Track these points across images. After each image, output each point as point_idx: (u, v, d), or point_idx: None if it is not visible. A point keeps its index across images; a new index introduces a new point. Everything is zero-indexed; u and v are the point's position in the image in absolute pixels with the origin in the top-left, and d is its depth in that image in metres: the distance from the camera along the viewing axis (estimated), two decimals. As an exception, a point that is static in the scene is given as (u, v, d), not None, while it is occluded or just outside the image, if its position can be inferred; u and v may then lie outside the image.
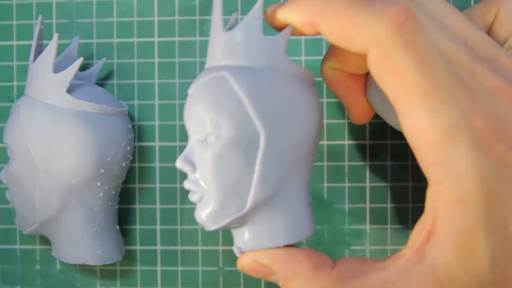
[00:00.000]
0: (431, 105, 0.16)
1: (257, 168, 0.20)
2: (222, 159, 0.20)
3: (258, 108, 0.20)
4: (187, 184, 0.21)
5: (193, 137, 0.21)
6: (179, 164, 0.21)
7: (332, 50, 0.23)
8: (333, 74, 0.24)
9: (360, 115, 0.24)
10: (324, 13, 0.18)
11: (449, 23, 0.19)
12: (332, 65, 0.23)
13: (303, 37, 0.28)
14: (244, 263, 0.21)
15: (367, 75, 0.24)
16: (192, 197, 0.21)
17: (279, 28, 0.21)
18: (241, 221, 0.21)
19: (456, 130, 0.16)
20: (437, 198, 0.17)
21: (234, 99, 0.20)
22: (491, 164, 0.16)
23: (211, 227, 0.21)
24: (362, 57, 0.18)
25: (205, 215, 0.21)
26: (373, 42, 0.17)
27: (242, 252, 0.21)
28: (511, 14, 0.21)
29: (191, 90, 0.21)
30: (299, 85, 0.21)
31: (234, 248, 0.21)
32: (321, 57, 0.28)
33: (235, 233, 0.22)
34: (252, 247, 0.21)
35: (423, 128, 0.17)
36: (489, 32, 0.22)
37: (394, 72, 0.17)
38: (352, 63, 0.22)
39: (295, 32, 0.20)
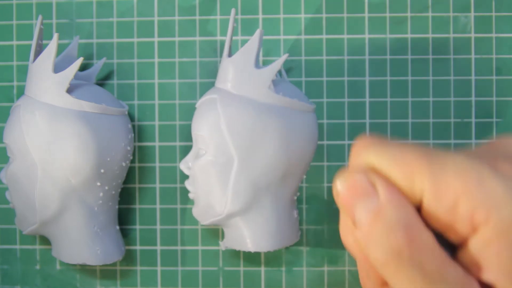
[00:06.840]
0: None
1: (230, 186, 0.24)
2: (205, 172, 0.24)
3: (234, 137, 0.23)
4: (186, 184, 0.26)
5: (194, 147, 0.25)
6: (182, 165, 0.26)
7: None
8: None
9: None
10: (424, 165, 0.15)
11: None
12: None
13: (302, 37, 0.28)
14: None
15: None
16: (190, 196, 0.26)
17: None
18: (224, 224, 0.25)
19: None
20: None
21: (216, 125, 0.24)
22: None
23: (201, 222, 0.26)
24: None
25: (194, 212, 0.26)
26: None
27: (225, 247, 0.26)
28: (435, 206, 0.16)
29: (197, 105, 0.25)
30: (281, 116, 0.24)
31: (220, 243, 0.26)
32: (321, 57, 0.28)
33: (225, 230, 0.26)
34: (229, 246, 0.25)
35: None
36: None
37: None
38: None
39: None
